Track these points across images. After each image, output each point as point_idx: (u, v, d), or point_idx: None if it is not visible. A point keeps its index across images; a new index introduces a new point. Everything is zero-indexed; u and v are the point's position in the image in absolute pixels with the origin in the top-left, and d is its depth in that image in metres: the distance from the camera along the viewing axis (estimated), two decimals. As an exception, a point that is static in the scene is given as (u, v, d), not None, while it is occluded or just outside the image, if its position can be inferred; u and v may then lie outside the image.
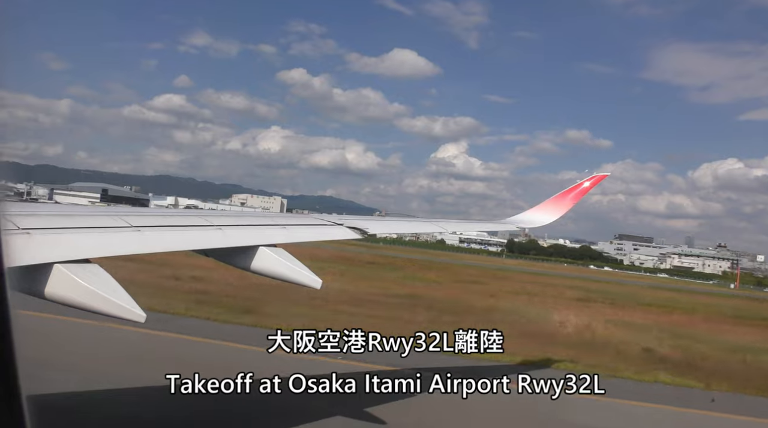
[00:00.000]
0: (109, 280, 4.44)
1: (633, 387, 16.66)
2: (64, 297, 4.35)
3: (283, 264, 6.32)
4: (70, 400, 11.12)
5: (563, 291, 50.96)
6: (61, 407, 10.43)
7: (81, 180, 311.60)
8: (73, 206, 27.86)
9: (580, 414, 12.37)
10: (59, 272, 4.28)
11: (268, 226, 7.21)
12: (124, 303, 4.37)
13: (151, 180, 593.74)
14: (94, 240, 4.96)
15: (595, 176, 11.91)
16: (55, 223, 5.00)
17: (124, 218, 5.64)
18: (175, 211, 10.17)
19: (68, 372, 12.20)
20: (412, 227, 13.49)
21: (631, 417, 14.12)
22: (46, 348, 12.37)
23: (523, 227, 11.64)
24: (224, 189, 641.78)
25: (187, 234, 6.17)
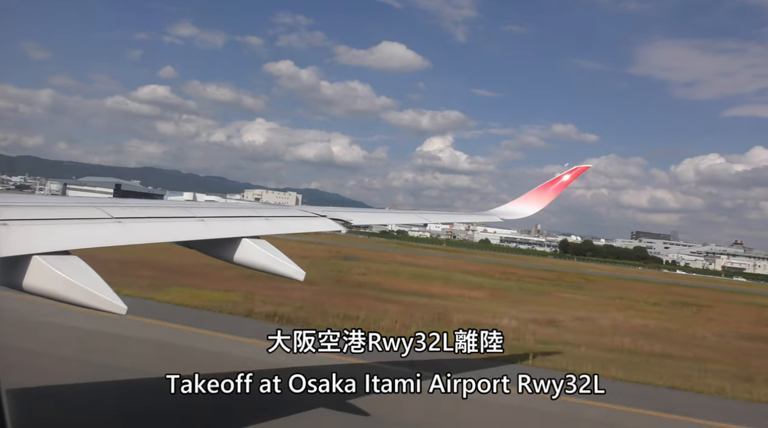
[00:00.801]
0: (89, 272, 4.39)
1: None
2: (43, 290, 4.29)
3: (266, 255, 6.29)
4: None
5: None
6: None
7: (64, 171, 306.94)
8: (52, 197, 27.33)
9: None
10: (37, 264, 4.23)
11: (251, 218, 7.17)
12: (105, 295, 4.33)
13: (136, 172, 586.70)
14: (73, 232, 4.89)
15: (575, 169, 12.03)
16: (34, 214, 4.92)
17: (104, 209, 5.56)
18: (157, 202, 10.04)
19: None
20: (395, 218, 13.50)
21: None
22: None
23: (506, 218, 11.71)
24: (209, 181, 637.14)
25: (169, 225, 6.11)
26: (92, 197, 20.59)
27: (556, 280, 62.66)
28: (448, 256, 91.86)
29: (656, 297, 53.36)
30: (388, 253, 76.75)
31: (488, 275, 57.87)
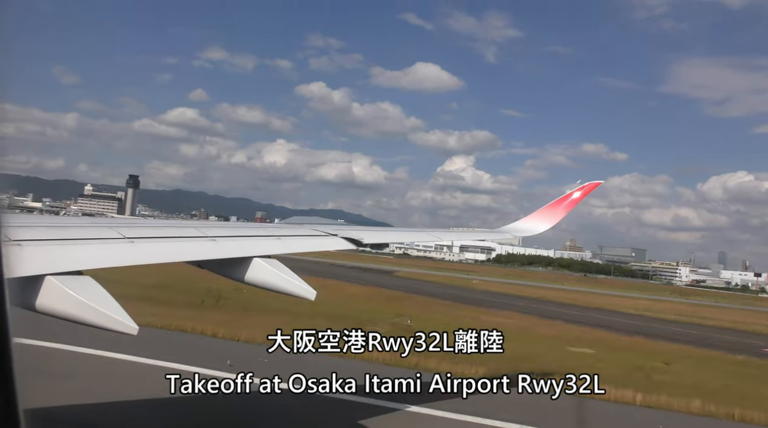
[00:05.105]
0: (101, 292, 4.40)
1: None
2: (56, 310, 4.31)
3: (277, 275, 6.28)
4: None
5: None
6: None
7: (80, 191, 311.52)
8: (67, 217, 27.60)
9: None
10: (50, 284, 4.25)
11: (262, 237, 7.18)
12: (116, 315, 4.33)
13: (165, 194, 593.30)
14: (86, 252, 4.92)
15: (587, 185, 11.94)
16: (48, 235, 4.97)
17: (117, 229, 5.61)
18: (169, 222, 10.15)
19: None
20: (407, 237, 13.47)
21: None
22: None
23: (518, 235, 11.64)
24: (235, 203, 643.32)
25: (180, 245, 6.13)
26: (106, 219, 20.74)
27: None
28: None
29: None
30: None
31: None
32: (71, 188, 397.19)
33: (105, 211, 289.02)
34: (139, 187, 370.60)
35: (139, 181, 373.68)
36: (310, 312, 23.42)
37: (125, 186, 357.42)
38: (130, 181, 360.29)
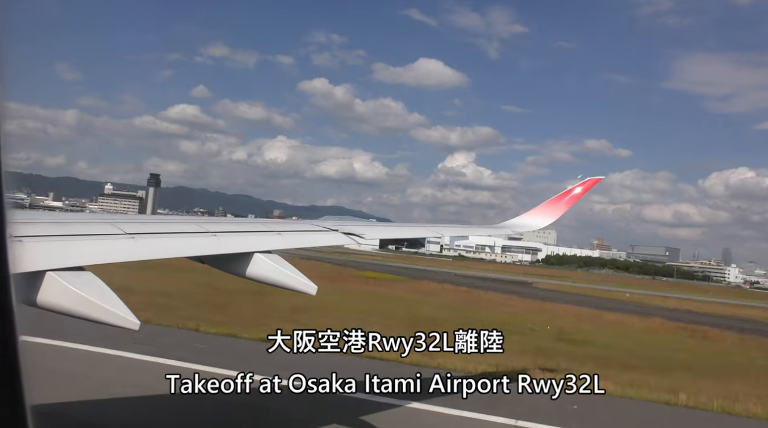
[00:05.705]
0: (103, 288, 4.41)
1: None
2: (57, 305, 4.31)
3: (278, 270, 6.29)
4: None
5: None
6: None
7: (86, 189, 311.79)
8: (68, 213, 27.66)
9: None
10: (51, 280, 4.25)
11: (263, 233, 7.19)
12: (118, 310, 4.34)
13: (168, 192, 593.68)
14: (87, 248, 4.93)
15: (588, 181, 11.91)
16: (48, 231, 4.97)
17: (117, 225, 5.61)
18: (169, 217, 10.19)
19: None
20: (407, 232, 13.45)
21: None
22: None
23: (518, 231, 11.62)
24: (237, 199, 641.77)
25: (181, 240, 6.14)
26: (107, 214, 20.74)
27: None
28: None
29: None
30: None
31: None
32: (72, 185, 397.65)
33: (126, 210, 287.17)
34: (160, 185, 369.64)
35: (160, 179, 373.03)
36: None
37: (146, 185, 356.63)
38: (152, 179, 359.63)
